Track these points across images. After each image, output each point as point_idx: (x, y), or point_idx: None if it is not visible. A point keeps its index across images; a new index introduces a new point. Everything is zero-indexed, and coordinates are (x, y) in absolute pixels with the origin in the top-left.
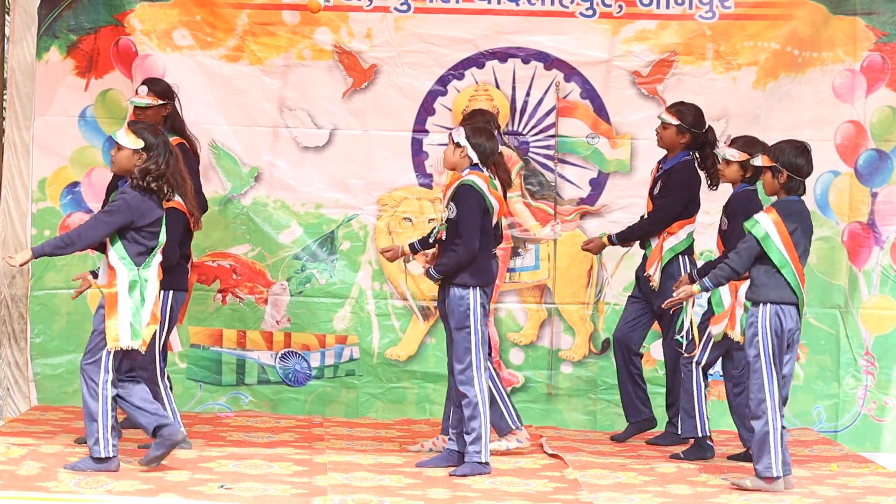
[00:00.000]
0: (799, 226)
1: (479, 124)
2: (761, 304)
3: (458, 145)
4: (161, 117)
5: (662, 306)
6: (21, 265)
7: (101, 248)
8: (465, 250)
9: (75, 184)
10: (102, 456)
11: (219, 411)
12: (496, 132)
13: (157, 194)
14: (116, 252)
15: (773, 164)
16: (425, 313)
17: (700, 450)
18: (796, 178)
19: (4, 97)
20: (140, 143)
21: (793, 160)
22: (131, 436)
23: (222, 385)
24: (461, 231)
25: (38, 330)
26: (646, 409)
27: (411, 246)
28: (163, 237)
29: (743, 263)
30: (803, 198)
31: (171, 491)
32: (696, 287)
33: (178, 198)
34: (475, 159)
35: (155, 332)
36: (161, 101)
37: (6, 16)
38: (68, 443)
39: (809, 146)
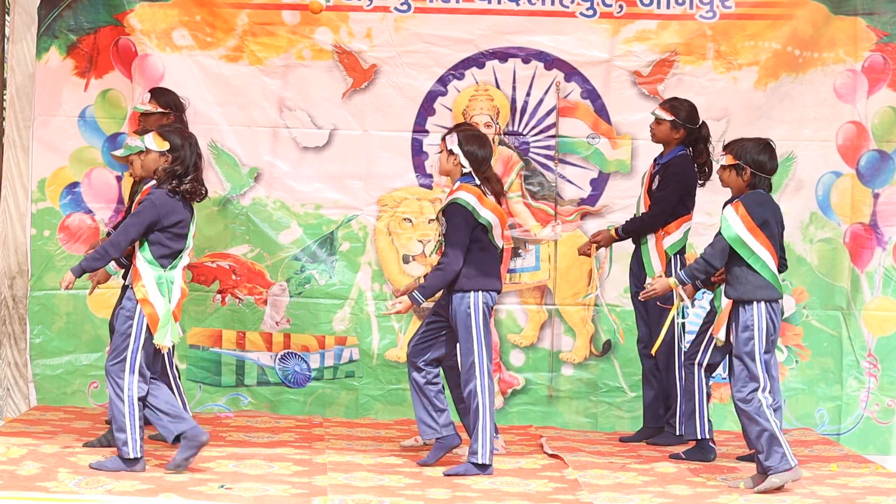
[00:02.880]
0: (769, 217)
1: (472, 130)
2: (755, 303)
3: (451, 153)
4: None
5: (640, 297)
6: (68, 288)
7: (129, 254)
8: (449, 269)
9: (75, 184)
10: (131, 457)
11: (218, 412)
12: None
13: (186, 195)
14: (143, 255)
15: (737, 161)
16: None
17: (701, 451)
18: (760, 174)
19: (4, 97)
20: (166, 146)
21: (755, 157)
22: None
23: (221, 386)
24: (446, 249)
25: (37, 330)
26: (663, 417)
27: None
28: (190, 240)
29: (717, 256)
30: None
31: (171, 491)
32: (671, 280)
33: None
34: (468, 167)
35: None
36: (162, 110)
37: (6, 16)
38: (68, 443)
39: (773, 143)
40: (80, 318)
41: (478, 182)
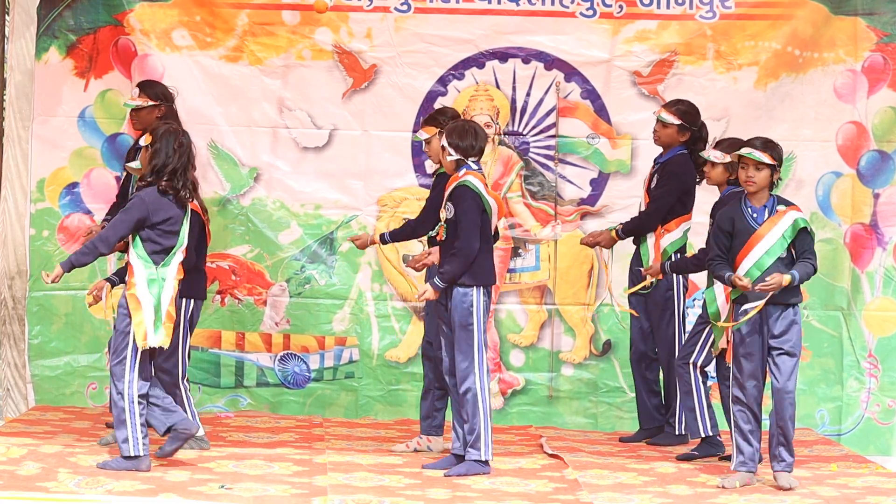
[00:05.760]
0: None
1: (456, 122)
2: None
3: (443, 148)
4: (154, 118)
5: (642, 271)
6: (54, 281)
7: (126, 249)
8: (466, 253)
9: (74, 184)
10: (132, 454)
11: (218, 412)
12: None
13: (169, 191)
14: (136, 250)
15: (774, 162)
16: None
17: (711, 447)
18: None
19: (4, 97)
20: (149, 139)
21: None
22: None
23: (221, 387)
24: (459, 233)
25: (36, 331)
26: (659, 416)
27: (382, 236)
28: (183, 238)
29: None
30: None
31: (171, 491)
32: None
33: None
34: (456, 155)
35: (178, 334)
36: (153, 103)
37: (6, 15)
38: (68, 443)
39: (775, 142)
40: (79, 318)
41: (480, 168)
